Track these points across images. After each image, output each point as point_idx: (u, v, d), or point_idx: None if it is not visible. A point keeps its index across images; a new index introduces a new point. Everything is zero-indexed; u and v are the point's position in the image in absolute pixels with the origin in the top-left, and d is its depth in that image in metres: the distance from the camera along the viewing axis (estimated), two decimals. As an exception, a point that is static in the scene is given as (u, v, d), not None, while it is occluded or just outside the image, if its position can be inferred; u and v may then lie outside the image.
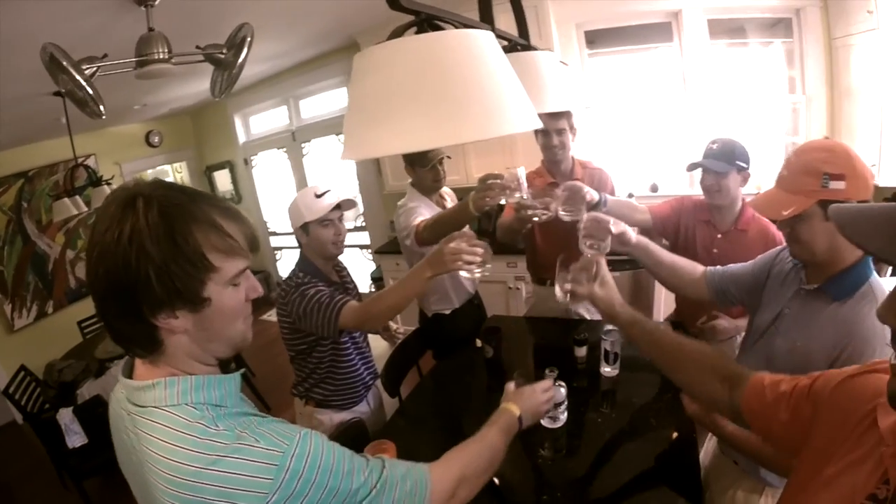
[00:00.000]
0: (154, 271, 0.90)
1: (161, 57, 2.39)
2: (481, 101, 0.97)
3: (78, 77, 2.17)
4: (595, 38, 4.75)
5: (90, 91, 2.25)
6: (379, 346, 3.54)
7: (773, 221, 1.72)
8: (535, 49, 1.93)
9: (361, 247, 7.02)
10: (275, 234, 8.10)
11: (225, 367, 1.09)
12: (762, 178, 3.68)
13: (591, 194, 2.48)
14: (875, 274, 1.51)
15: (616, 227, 2.05)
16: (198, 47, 2.56)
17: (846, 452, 0.91)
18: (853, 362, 1.39)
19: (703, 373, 1.33)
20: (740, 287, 1.97)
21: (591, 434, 2.14)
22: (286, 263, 8.12)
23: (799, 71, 4.18)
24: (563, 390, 2.06)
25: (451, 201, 3.22)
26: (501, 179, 2.37)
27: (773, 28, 4.32)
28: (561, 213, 2.42)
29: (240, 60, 2.57)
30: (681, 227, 2.72)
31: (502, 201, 2.44)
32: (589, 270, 1.72)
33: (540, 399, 1.67)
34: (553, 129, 2.78)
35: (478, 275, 2.00)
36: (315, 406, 2.47)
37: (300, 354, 2.40)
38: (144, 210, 0.91)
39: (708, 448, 2.16)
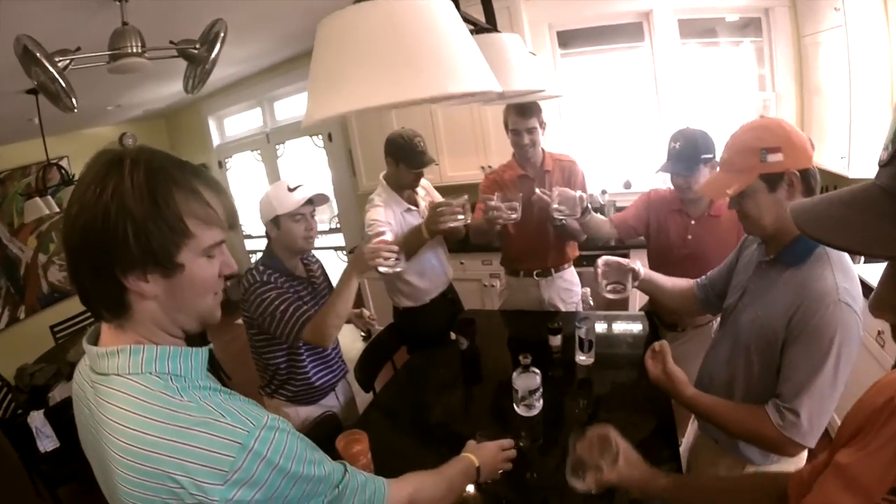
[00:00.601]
0: (132, 228, 0.89)
1: (134, 51, 2.38)
2: (437, 60, 0.99)
3: (51, 69, 2.15)
4: (568, 39, 4.84)
5: (63, 84, 2.23)
6: (352, 349, 3.52)
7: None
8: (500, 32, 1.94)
9: (336, 248, 6.98)
10: (250, 237, 7.98)
11: (191, 343, 1.08)
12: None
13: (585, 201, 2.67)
14: None
15: (633, 264, 2.19)
16: (171, 42, 2.55)
17: (864, 445, 0.89)
18: (807, 321, 1.42)
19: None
20: (718, 286, 2.01)
21: (568, 422, 2.15)
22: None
23: (769, 69, 4.27)
24: (537, 377, 2.07)
25: (424, 194, 3.23)
26: (450, 206, 2.60)
27: (744, 28, 4.40)
28: (556, 215, 2.65)
29: (213, 55, 2.56)
30: (651, 223, 2.77)
31: (451, 225, 2.62)
32: (606, 446, 1.50)
33: (499, 456, 1.66)
34: (524, 128, 2.86)
35: (390, 271, 2.37)
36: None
37: (259, 350, 2.41)
38: (131, 170, 0.92)
39: (689, 434, 2.19)
